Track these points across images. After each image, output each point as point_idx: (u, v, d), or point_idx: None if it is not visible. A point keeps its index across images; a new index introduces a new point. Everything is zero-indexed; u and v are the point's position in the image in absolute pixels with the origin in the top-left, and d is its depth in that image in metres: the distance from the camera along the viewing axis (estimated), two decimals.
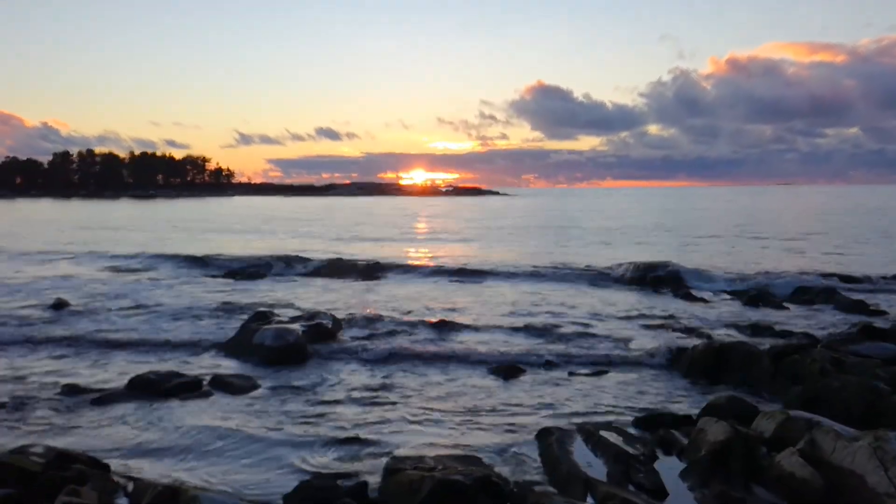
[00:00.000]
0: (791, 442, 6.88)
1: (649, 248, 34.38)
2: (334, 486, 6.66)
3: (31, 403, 9.55)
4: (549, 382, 10.85)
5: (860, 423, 7.79)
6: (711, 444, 7.16)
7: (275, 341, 12.29)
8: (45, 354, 12.44)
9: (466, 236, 42.68)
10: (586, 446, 7.96)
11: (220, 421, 8.96)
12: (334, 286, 21.42)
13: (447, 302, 18.36)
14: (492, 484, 6.33)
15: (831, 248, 34.20)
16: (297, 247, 33.08)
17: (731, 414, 8.12)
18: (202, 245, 33.87)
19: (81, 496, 5.45)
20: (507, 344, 13.41)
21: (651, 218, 67.52)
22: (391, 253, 30.99)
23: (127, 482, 6.86)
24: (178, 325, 14.98)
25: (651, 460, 7.50)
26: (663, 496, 6.72)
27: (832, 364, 10.06)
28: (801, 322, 15.73)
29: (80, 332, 14.11)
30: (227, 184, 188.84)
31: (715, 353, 11.34)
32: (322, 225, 54.70)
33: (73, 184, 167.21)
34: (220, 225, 53.92)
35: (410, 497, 6.15)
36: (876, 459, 6.05)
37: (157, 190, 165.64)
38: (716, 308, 17.58)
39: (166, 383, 10.29)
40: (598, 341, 13.63)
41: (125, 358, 12.23)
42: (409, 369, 11.62)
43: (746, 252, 32.05)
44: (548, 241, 39.30)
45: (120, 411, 9.28)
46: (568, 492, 6.73)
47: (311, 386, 10.58)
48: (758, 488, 6.72)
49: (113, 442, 8.17)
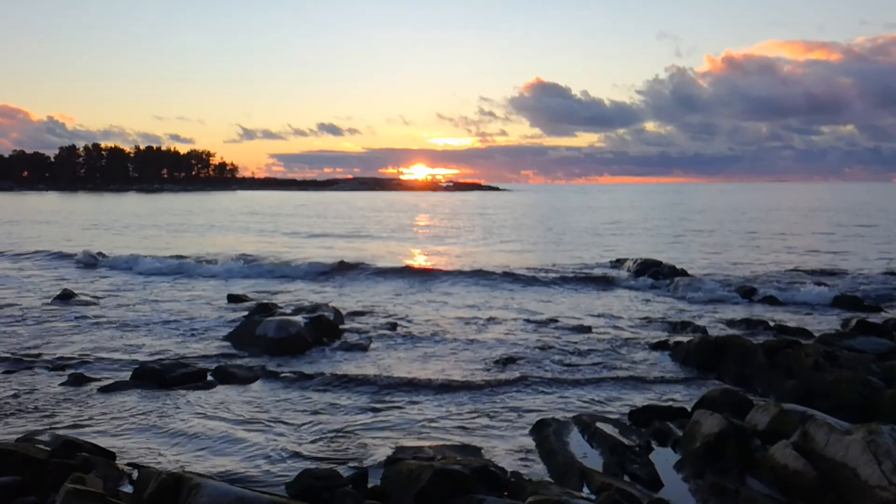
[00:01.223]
0: (785, 434, 6.95)
1: (645, 244, 34.46)
2: (335, 475, 6.76)
3: (38, 392, 9.67)
4: (546, 373, 10.94)
5: (854, 416, 7.89)
6: (706, 436, 7.25)
7: (278, 333, 12.41)
8: (52, 343, 12.57)
9: (475, 237, 42.71)
10: (583, 437, 8.07)
11: (224, 411, 9.08)
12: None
13: (446, 296, 18.46)
14: (490, 474, 6.43)
15: (826, 243, 34.26)
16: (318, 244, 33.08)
17: (725, 407, 8.20)
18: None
19: (87, 483, 5.52)
20: (507, 336, 13.54)
21: (648, 213, 67.55)
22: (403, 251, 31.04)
23: (132, 470, 6.96)
24: (180, 317, 15.12)
25: (646, 452, 7.61)
26: (658, 487, 6.83)
27: (826, 358, 10.14)
28: (796, 317, 15.82)
29: (86, 323, 14.27)
30: (232, 178, 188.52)
31: (710, 347, 11.43)
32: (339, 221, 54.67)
33: (80, 177, 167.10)
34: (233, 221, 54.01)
35: (410, 486, 6.24)
36: (869, 453, 6.11)
37: (162, 184, 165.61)
38: (711, 303, 17.67)
39: (170, 373, 10.43)
40: (594, 335, 13.72)
41: (130, 348, 12.34)
42: (410, 361, 11.72)
43: (741, 248, 32.11)
44: (546, 237, 39.41)
45: (125, 400, 9.40)
46: (564, 482, 6.83)
47: (314, 377, 10.68)
48: (751, 480, 6.79)
49: (118, 431, 8.28)
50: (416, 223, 53.17)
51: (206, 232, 40.86)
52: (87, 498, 5.14)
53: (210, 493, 5.40)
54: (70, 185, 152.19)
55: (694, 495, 6.71)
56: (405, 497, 6.16)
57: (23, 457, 6.33)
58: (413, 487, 6.19)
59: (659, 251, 29.19)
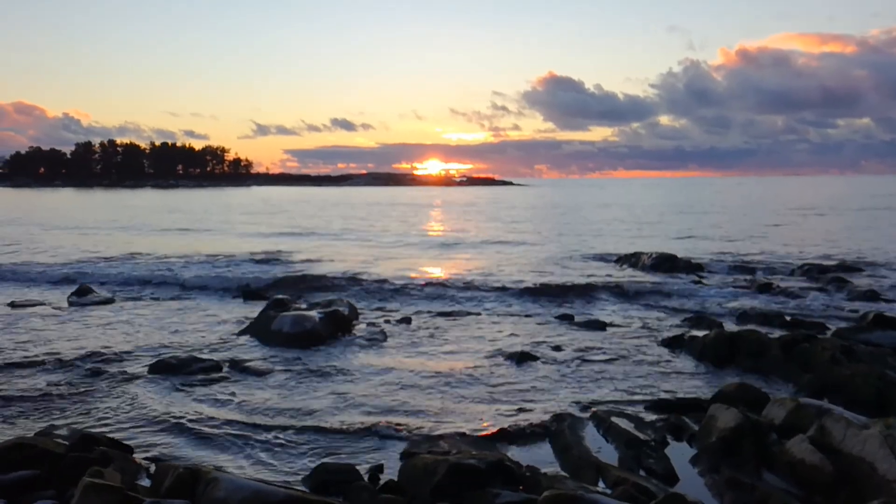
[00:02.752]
0: (801, 429, 6.92)
1: (661, 237, 34.32)
2: (351, 469, 6.79)
3: (55, 387, 9.75)
4: (561, 368, 10.94)
5: (871, 410, 7.84)
6: (722, 431, 7.23)
7: (293, 328, 12.46)
8: (71, 336, 12.68)
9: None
10: (598, 432, 8.06)
11: (240, 404, 9.13)
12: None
13: (461, 287, 18.46)
14: (505, 468, 6.43)
15: (843, 236, 33.98)
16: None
17: (741, 401, 8.16)
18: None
19: (105, 477, 5.56)
20: (522, 329, 13.55)
21: (663, 206, 67.28)
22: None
23: (149, 464, 7.04)
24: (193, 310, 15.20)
25: (662, 446, 7.58)
26: (674, 481, 6.81)
27: (843, 352, 10.07)
28: (812, 311, 15.72)
29: (102, 319, 14.39)
30: (246, 174, 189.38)
31: (726, 341, 11.36)
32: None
33: (95, 174, 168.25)
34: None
35: (425, 480, 6.26)
36: (886, 447, 6.08)
37: (177, 180, 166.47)
38: (726, 296, 17.56)
39: (187, 367, 10.53)
40: (610, 329, 13.70)
41: (146, 343, 12.42)
42: (426, 355, 11.74)
43: (757, 241, 31.91)
44: (563, 228, 39.37)
45: (142, 394, 9.47)
46: (580, 476, 6.82)
47: (329, 371, 10.72)
48: (768, 474, 6.78)
49: (135, 424, 8.34)
50: (431, 222, 53.19)
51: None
52: (106, 492, 5.19)
53: (227, 487, 5.44)
54: (86, 182, 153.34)
55: (710, 490, 6.69)
56: (421, 491, 6.17)
57: (41, 451, 6.39)
58: (428, 482, 6.20)
59: (676, 243, 29.11)
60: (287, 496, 5.47)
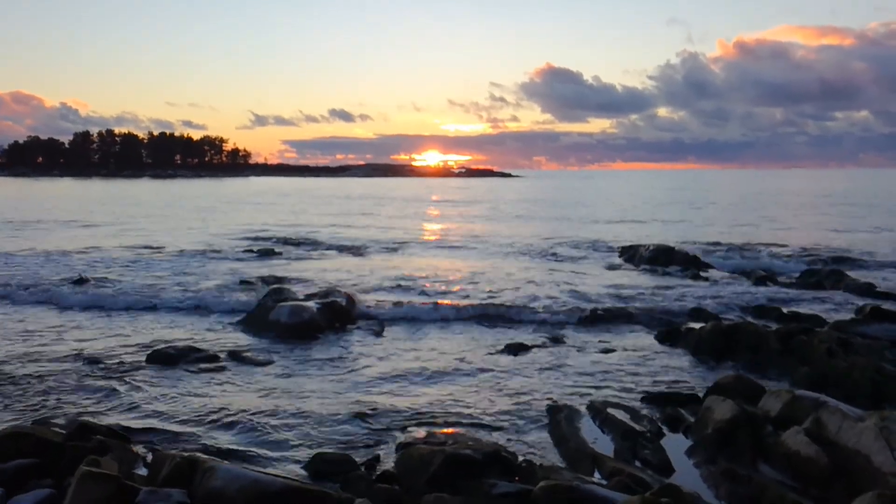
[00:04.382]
0: (797, 421, 6.94)
1: (658, 229, 34.34)
2: (348, 459, 6.82)
3: (53, 375, 9.75)
4: (558, 359, 10.95)
5: (867, 403, 7.88)
6: (718, 422, 7.26)
7: (290, 318, 12.47)
8: (67, 325, 12.68)
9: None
10: (594, 423, 8.09)
11: (237, 394, 9.15)
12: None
13: (464, 277, 18.47)
14: (501, 458, 6.46)
15: (839, 229, 34.03)
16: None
17: (738, 393, 8.17)
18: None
19: (102, 466, 5.57)
20: (518, 324, 13.59)
21: (662, 200, 67.27)
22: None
23: (146, 453, 7.04)
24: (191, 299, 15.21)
25: (658, 437, 7.61)
26: (669, 472, 6.83)
27: (839, 345, 10.10)
28: (809, 304, 15.74)
29: (100, 307, 14.47)
30: (244, 164, 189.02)
31: (723, 334, 11.38)
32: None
33: (93, 163, 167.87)
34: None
35: (422, 470, 6.28)
36: (882, 439, 6.11)
37: (175, 170, 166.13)
38: (724, 289, 17.53)
39: (184, 357, 10.54)
40: (607, 321, 13.72)
41: (144, 332, 12.42)
42: (424, 346, 11.76)
43: (754, 233, 31.94)
44: (561, 220, 39.37)
45: (139, 384, 9.48)
46: (576, 467, 6.85)
47: (326, 361, 10.74)
48: (764, 466, 6.80)
49: (132, 414, 8.36)
50: (431, 213, 53.19)
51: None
52: (103, 480, 5.20)
53: (224, 476, 5.46)
54: (84, 171, 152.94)
55: (705, 481, 6.70)
56: (417, 481, 6.20)
57: (39, 440, 6.40)
58: (425, 472, 6.22)
59: (674, 235, 29.10)
60: (284, 485, 5.48)
